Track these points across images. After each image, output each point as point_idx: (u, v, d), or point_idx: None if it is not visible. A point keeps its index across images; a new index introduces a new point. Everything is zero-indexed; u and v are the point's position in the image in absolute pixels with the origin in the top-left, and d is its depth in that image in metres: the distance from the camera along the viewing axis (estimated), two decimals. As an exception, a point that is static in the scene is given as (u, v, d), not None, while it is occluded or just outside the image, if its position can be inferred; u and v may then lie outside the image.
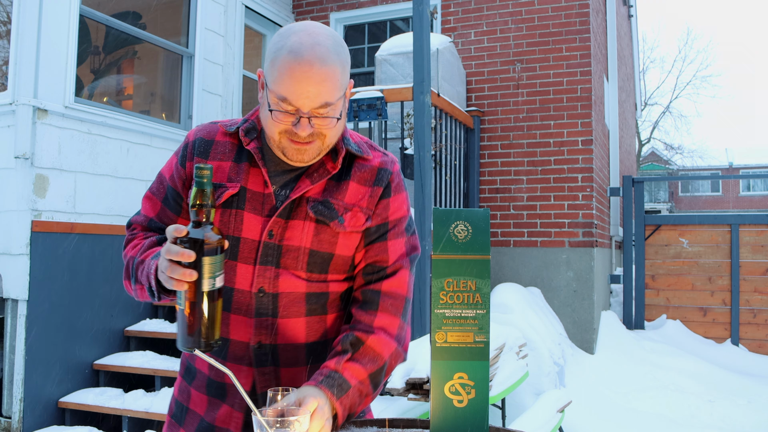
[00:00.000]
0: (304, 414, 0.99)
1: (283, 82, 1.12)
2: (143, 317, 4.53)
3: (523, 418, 3.24)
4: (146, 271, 1.17)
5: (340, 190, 1.25)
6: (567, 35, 5.67)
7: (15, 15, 3.94)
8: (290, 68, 1.11)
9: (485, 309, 1.09)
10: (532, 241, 5.66)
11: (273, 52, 1.15)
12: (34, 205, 3.83)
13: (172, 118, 5.20)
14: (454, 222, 1.10)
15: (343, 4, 6.56)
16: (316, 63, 1.11)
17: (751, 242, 6.26)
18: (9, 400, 3.81)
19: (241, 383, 1.21)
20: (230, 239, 1.22)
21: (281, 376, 1.25)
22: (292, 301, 1.23)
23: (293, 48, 1.12)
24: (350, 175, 1.26)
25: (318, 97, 1.12)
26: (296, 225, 1.22)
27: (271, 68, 1.14)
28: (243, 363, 1.23)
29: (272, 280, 1.22)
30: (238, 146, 1.27)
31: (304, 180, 1.23)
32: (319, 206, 1.23)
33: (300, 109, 1.13)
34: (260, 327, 1.22)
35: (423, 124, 3.87)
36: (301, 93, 1.12)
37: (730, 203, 31.43)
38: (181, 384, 1.35)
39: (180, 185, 1.29)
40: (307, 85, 1.11)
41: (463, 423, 1.08)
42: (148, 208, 1.33)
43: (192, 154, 1.28)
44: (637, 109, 11.91)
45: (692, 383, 5.11)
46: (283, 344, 1.24)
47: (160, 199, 1.32)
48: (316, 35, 1.14)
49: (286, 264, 1.22)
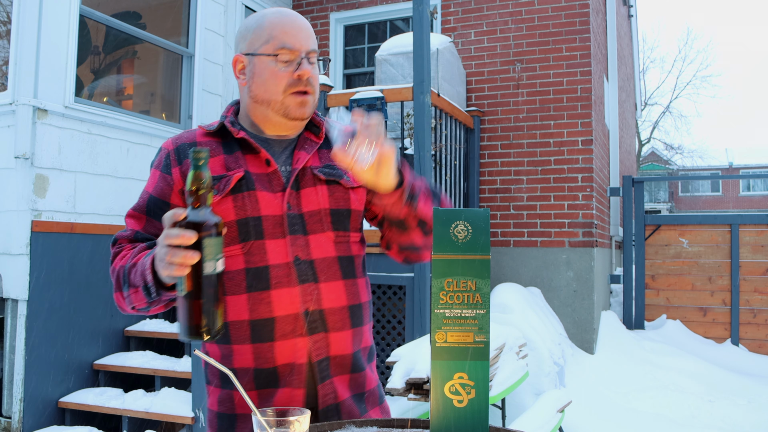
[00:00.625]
0: (304, 414, 0.99)
1: (279, 33, 1.27)
2: (143, 317, 4.53)
3: (523, 418, 3.24)
4: (140, 270, 1.15)
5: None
6: (567, 35, 5.67)
7: (15, 15, 3.94)
8: (282, 20, 1.28)
9: (485, 309, 1.09)
10: (532, 241, 5.66)
11: (253, 23, 1.30)
12: (34, 205, 3.83)
13: (172, 118, 5.20)
14: (454, 222, 1.10)
15: (343, 4, 6.56)
16: (298, 16, 1.31)
17: (751, 242, 6.26)
18: (9, 400, 3.81)
19: (297, 356, 1.24)
20: (252, 220, 1.26)
21: (330, 341, 1.27)
22: (327, 265, 1.28)
23: (274, 12, 1.30)
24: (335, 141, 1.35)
25: (308, 40, 1.29)
26: (309, 192, 1.30)
27: (258, 33, 1.29)
28: (296, 335, 1.24)
29: (304, 247, 1.27)
30: (223, 142, 1.32)
31: (299, 153, 1.32)
32: (324, 169, 1.32)
33: (299, 51, 1.27)
34: (305, 294, 1.25)
35: (423, 124, 3.87)
36: (297, 35, 1.27)
37: (730, 203, 31.44)
38: (221, 394, 1.31)
39: (169, 192, 1.29)
40: (299, 30, 1.28)
41: (463, 423, 1.08)
42: (133, 224, 1.31)
43: (177, 160, 1.30)
44: (637, 109, 11.91)
45: (692, 383, 5.11)
46: (329, 308, 1.27)
47: (143, 212, 1.31)
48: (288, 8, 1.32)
49: (313, 228, 1.28)
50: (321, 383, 1.26)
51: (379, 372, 4.18)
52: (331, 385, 1.28)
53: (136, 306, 1.21)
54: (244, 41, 1.31)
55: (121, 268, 1.23)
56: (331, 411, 1.27)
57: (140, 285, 1.15)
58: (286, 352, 1.24)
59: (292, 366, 1.25)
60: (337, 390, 1.28)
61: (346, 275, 1.31)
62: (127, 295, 1.20)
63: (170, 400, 3.69)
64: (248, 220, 1.25)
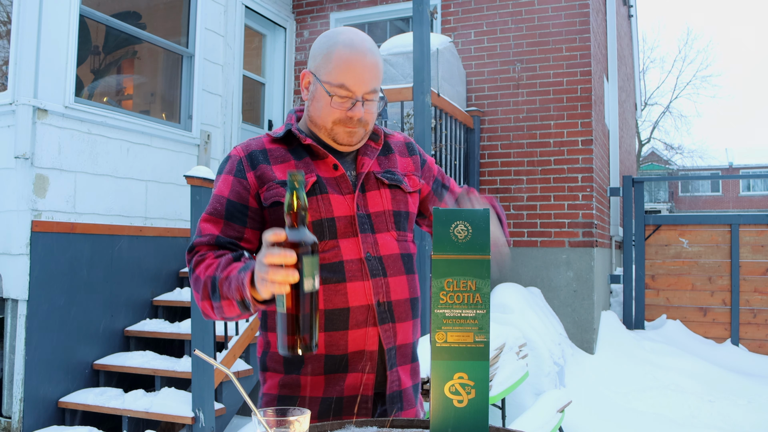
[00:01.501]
0: (304, 414, 0.99)
1: (341, 70, 1.30)
2: (143, 317, 4.53)
3: (523, 418, 3.24)
4: (235, 284, 1.19)
5: (390, 161, 1.46)
6: (567, 35, 5.67)
7: (15, 15, 3.94)
8: (347, 58, 1.30)
9: (485, 309, 1.09)
10: (532, 241, 5.66)
11: (325, 49, 1.34)
12: (34, 205, 3.83)
13: (172, 118, 5.20)
14: (454, 222, 1.10)
15: (343, 4, 6.56)
16: (368, 53, 1.32)
17: (751, 242, 6.26)
18: (9, 400, 3.81)
19: (368, 344, 1.33)
20: (326, 221, 1.34)
21: (397, 331, 1.38)
22: (394, 261, 1.39)
23: (347, 42, 1.32)
24: (391, 149, 1.49)
25: (370, 82, 1.32)
26: (374, 195, 1.40)
27: (325, 62, 1.32)
28: (368, 324, 1.33)
29: (373, 245, 1.36)
30: (289, 149, 1.40)
31: (362, 158, 1.41)
32: (387, 175, 1.43)
33: (355, 94, 1.31)
34: (377, 287, 1.34)
35: (423, 124, 3.87)
36: (358, 78, 1.31)
37: (730, 203, 31.43)
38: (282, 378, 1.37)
39: (247, 196, 1.35)
40: (362, 72, 1.31)
41: (463, 423, 1.08)
42: (210, 228, 1.35)
43: (251, 165, 1.37)
44: (637, 109, 11.91)
45: (692, 383, 5.10)
46: (396, 300, 1.38)
47: (221, 217, 1.35)
48: (361, 34, 1.36)
49: (379, 228, 1.38)
50: (390, 370, 1.36)
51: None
52: (397, 373, 1.38)
53: (227, 316, 1.27)
54: (314, 60, 1.36)
55: (208, 278, 1.26)
56: (395, 397, 1.38)
57: (236, 299, 1.20)
58: (358, 340, 1.33)
59: (363, 353, 1.33)
60: (401, 378, 1.40)
61: (408, 271, 1.42)
62: (218, 306, 1.25)
63: (170, 400, 3.69)
64: (323, 221, 1.34)
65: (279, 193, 1.33)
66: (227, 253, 1.31)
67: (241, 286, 1.17)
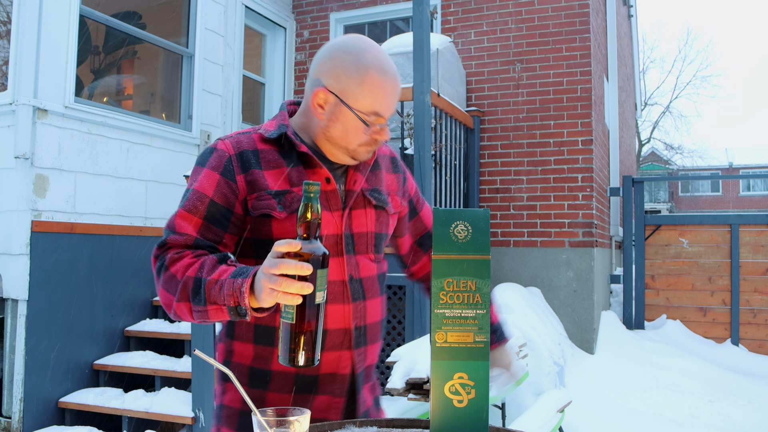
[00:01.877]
0: (304, 414, 0.99)
1: (377, 99, 1.26)
2: (143, 317, 4.53)
3: (523, 418, 3.24)
4: (229, 290, 1.12)
5: (377, 178, 1.41)
6: (567, 35, 5.67)
7: (15, 15, 3.94)
8: (384, 86, 1.27)
9: (485, 309, 1.09)
10: (532, 241, 5.66)
11: (354, 71, 1.25)
12: (34, 205, 3.83)
13: (172, 118, 5.20)
14: (454, 222, 1.10)
15: (343, 4, 6.55)
16: (397, 76, 1.31)
17: (751, 242, 6.26)
18: (9, 400, 3.81)
19: (341, 367, 1.30)
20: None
21: (368, 353, 1.36)
22: (372, 283, 1.36)
23: (379, 67, 1.27)
24: (379, 165, 1.44)
25: (395, 104, 1.32)
26: (359, 214, 1.35)
27: (357, 86, 1.25)
28: (343, 348, 1.30)
29: (355, 266, 1.33)
30: (280, 152, 1.31)
31: (355, 173, 1.35)
32: (374, 194, 1.38)
33: (387, 118, 1.29)
34: (356, 311, 1.31)
35: (423, 124, 3.87)
36: (391, 104, 1.30)
37: (730, 203, 31.43)
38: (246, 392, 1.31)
39: (234, 201, 1.26)
40: (394, 98, 1.30)
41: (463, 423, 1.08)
42: (186, 227, 1.24)
43: (242, 167, 1.27)
44: (637, 109, 11.91)
45: (692, 383, 5.10)
46: (371, 323, 1.36)
47: (200, 217, 1.25)
48: (382, 50, 1.32)
49: (359, 250, 1.34)
50: (359, 393, 1.34)
51: (379, 372, 4.18)
52: (363, 396, 1.37)
53: (207, 319, 1.19)
54: (338, 81, 1.26)
55: (190, 279, 1.17)
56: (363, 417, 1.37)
57: (228, 304, 1.13)
58: (332, 363, 1.29)
59: (334, 376, 1.30)
60: (366, 398, 1.38)
61: (381, 292, 1.41)
62: (201, 311, 1.16)
63: (170, 400, 3.69)
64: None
65: (270, 206, 1.25)
66: (208, 254, 1.22)
67: (238, 293, 1.11)
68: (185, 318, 1.22)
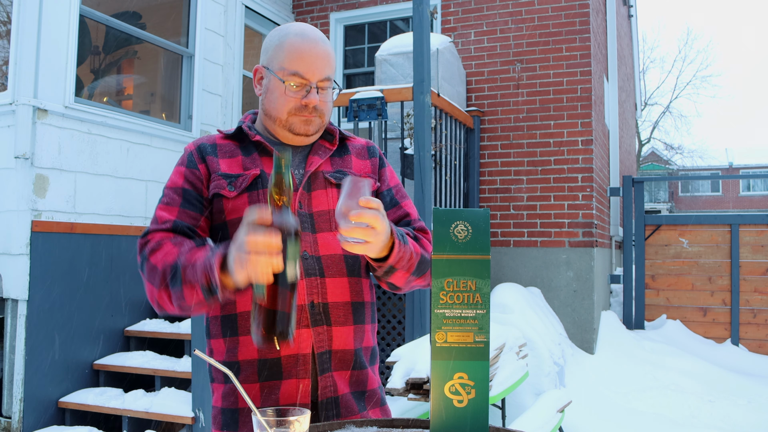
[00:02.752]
0: (304, 414, 0.99)
1: (294, 58, 1.31)
2: (143, 317, 4.53)
3: (523, 418, 3.24)
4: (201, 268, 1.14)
5: (345, 162, 1.43)
6: (567, 35, 5.67)
7: (15, 15, 3.94)
8: (300, 46, 1.32)
9: (485, 309, 1.09)
10: (532, 241, 5.66)
11: (276, 40, 1.35)
12: (34, 205, 3.83)
13: (172, 118, 5.20)
14: (454, 222, 1.10)
15: (343, 4, 6.56)
16: (320, 41, 1.34)
17: (751, 242, 6.26)
18: (9, 400, 3.81)
19: (301, 347, 1.29)
20: None
21: (333, 336, 1.32)
22: (334, 262, 1.34)
23: (298, 32, 1.34)
24: (348, 150, 1.46)
25: (324, 69, 1.33)
26: (319, 194, 1.36)
27: (277, 52, 1.33)
28: (300, 326, 1.29)
29: (312, 244, 1.33)
30: (241, 146, 1.40)
31: (312, 157, 1.39)
32: (336, 174, 1.39)
33: (310, 81, 1.31)
34: (311, 287, 1.30)
35: (423, 124, 3.87)
36: (311, 64, 1.31)
37: (730, 203, 31.43)
38: (224, 389, 1.35)
39: (200, 186, 1.35)
40: (316, 58, 1.32)
41: (463, 423, 1.08)
42: (166, 215, 1.31)
43: (201, 157, 1.37)
44: (637, 109, 11.91)
45: (692, 383, 5.10)
46: (333, 302, 1.33)
47: (176, 204, 1.33)
48: (311, 26, 1.37)
49: (321, 227, 1.34)
50: (321, 375, 1.30)
51: (379, 372, 4.18)
52: (331, 378, 1.31)
53: (185, 304, 1.20)
54: (266, 54, 1.37)
55: (168, 266, 1.20)
56: (329, 404, 1.31)
57: (200, 283, 1.14)
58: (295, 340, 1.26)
59: (296, 357, 1.28)
60: (336, 384, 1.32)
61: (351, 273, 1.36)
62: (178, 294, 1.18)
63: (170, 400, 3.69)
64: None
65: (220, 185, 1.32)
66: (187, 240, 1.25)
67: (209, 270, 1.11)
68: (167, 307, 1.24)
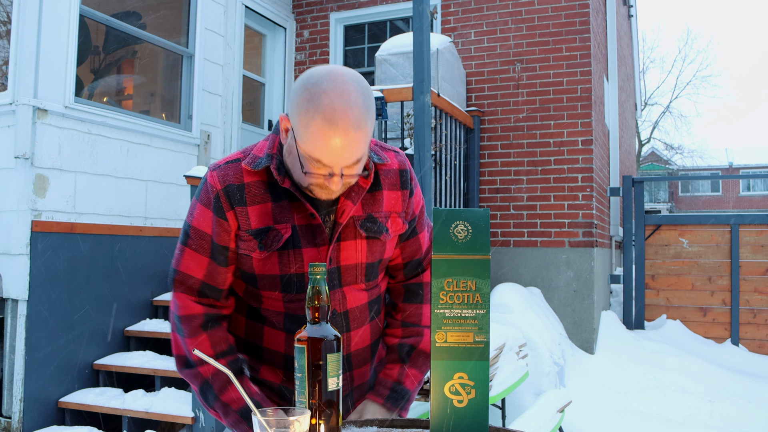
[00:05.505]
0: (304, 414, 0.99)
1: (317, 147, 1.13)
2: (143, 317, 4.53)
3: (523, 418, 3.24)
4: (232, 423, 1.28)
5: (376, 201, 1.33)
6: (567, 35, 5.67)
7: (15, 15, 3.94)
8: (325, 136, 1.11)
9: (485, 309, 1.09)
10: (532, 241, 5.66)
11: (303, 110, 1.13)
12: (34, 205, 3.83)
13: (172, 118, 5.20)
14: (454, 222, 1.10)
15: (343, 4, 6.55)
16: (351, 130, 1.12)
17: (751, 242, 6.26)
18: (9, 400, 3.81)
19: None
20: (295, 276, 1.28)
21: (355, 377, 1.38)
22: (360, 313, 1.34)
23: (327, 114, 1.11)
24: (380, 185, 1.34)
25: (351, 158, 1.16)
26: (348, 246, 1.30)
27: (301, 128, 1.14)
28: None
29: (341, 300, 1.31)
30: (268, 183, 1.28)
31: (345, 202, 1.28)
32: (366, 223, 1.31)
33: (332, 169, 1.16)
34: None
35: (423, 124, 3.87)
36: (335, 157, 1.14)
37: (730, 203, 31.42)
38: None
39: (227, 238, 1.28)
40: (342, 151, 1.13)
41: (463, 423, 1.08)
42: (193, 268, 1.29)
43: (230, 204, 1.26)
44: (637, 109, 11.91)
45: (692, 383, 5.10)
46: (355, 351, 1.35)
47: (207, 255, 1.29)
48: (347, 96, 1.12)
49: (347, 281, 1.31)
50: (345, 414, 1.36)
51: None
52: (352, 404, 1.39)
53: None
54: (292, 110, 1.18)
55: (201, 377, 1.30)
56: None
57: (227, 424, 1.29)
58: None
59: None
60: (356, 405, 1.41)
61: (372, 317, 1.38)
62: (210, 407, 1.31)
63: (170, 400, 3.69)
64: (292, 276, 1.28)
65: (250, 247, 1.26)
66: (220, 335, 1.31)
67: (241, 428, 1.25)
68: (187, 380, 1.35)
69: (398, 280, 1.44)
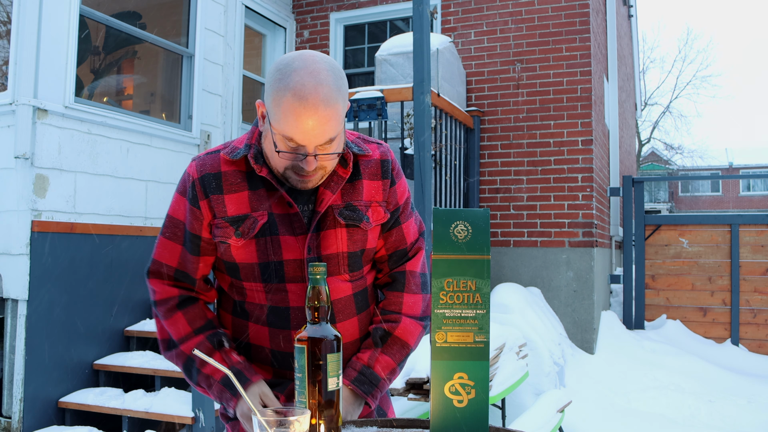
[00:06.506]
0: (304, 414, 0.99)
1: (289, 124, 1.15)
2: (143, 317, 4.53)
3: (523, 418, 3.24)
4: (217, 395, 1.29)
5: (356, 190, 1.33)
6: (567, 35, 5.67)
7: (15, 15, 3.94)
8: (295, 112, 1.13)
9: (485, 309, 1.09)
10: (532, 241, 5.66)
11: (274, 90, 1.16)
12: (34, 205, 3.83)
13: (172, 118, 5.20)
14: (454, 222, 1.10)
15: (343, 4, 6.55)
16: (321, 105, 1.14)
17: (751, 242, 6.26)
18: (9, 400, 3.81)
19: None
20: (273, 264, 1.28)
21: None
22: (345, 305, 1.33)
23: (296, 90, 1.13)
24: (360, 174, 1.34)
25: (323, 136, 1.16)
26: (329, 234, 1.30)
27: (274, 108, 1.16)
28: None
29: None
30: (246, 173, 1.29)
31: (324, 191, 1.28)
32: (345, 212, 1.30)
33: (306, 148, 1.17)
34: None
35: (423, 124, 3.87)
36: (307, 134, 1.15)
37: (730, 203, 31.42)
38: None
39: (198, 227, 1.31)
40: (313, 127, 1.14)
41: (463, 423, 1.08)
42: (167, 256, 1.34)
43: (204, 192, 1.29)
44: (637, 109, 11.91)
45: (692, 383, 5.10)
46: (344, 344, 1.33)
47: (179, 243, 1.33)
48: (317, 73, 1.15)
49: (330, 271, 1.29)
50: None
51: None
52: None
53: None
54: (266, 93, 1.21)
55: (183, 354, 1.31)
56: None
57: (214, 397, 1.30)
58: None
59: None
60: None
61: (359, 310, 1.36)
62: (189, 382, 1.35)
63: (170, 400, 3.69)
64: (270, 264, 1.28)
65: (226, 234, 1.27)
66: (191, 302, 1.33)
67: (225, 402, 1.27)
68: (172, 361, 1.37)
69: (384, 272, 1.43)
